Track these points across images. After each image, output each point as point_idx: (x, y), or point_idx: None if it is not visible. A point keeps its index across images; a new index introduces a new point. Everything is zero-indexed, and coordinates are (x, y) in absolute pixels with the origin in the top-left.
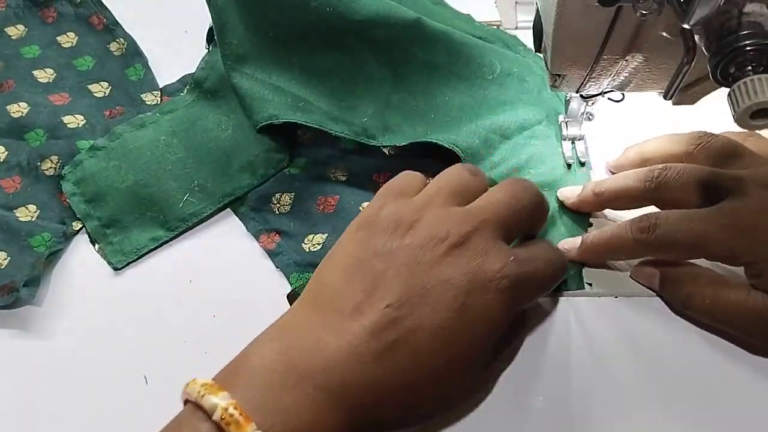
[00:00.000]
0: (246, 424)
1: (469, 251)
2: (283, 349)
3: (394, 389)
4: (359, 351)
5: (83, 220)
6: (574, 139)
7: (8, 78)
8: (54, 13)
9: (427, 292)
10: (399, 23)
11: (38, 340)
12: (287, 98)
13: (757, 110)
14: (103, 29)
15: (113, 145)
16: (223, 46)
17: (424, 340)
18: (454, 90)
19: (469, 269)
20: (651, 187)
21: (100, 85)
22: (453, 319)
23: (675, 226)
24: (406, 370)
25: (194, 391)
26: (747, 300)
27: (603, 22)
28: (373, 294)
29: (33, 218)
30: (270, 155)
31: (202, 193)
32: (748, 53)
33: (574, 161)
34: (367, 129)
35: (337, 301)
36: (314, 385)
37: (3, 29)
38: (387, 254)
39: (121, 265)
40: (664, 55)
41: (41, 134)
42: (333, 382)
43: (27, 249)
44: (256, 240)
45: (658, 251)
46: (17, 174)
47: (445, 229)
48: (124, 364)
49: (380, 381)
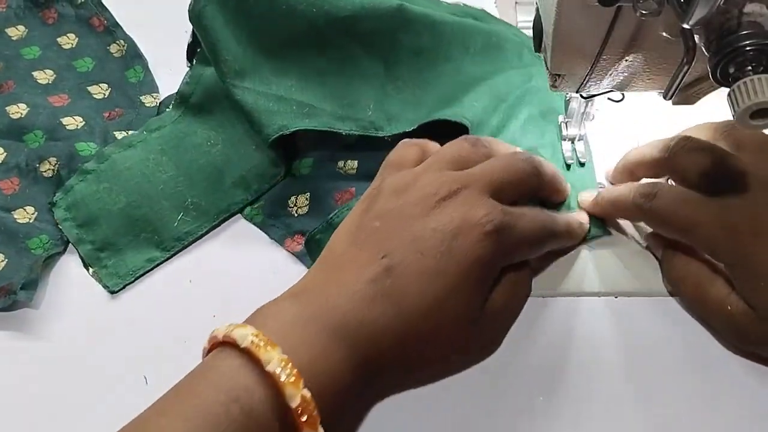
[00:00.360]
0: (273, 348)
1: (457, 202)
2: (293, 302)
3: (391, 329)
4: (359, 296)
5: (75, 245)
6: (574, 139)
7: (8, 79)
8: (55, 14)
9: (417, 240)
10: (384, 13)
11: (37, 341)
12: (292, 106)
13: (757, 110)
14: (103, 31)
15: (103, 167)
16: (218, 65)
17: (415, 283)
18: (444, 71)
19: (456, 216)
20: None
21: (99, 87)
22: (440, 261)
23: (671, 203)
24: (400, 310)
25: (220, 330)
26: (725, 300)
27: (603, 22)
28: (370, 249)
29: (31, 220)
30: (264, 170)
31: (196, 211)
32: (747, 53)
33: (574, 161)
34: (373, 122)
35: (340, 260)
36: (321, 325)
37: (3, 30)
38: (384, 214)
39: (117, 288)
40: (664, 55)
41: (40, 136)
42: (336, 322)
43: (25, 251)
44: (281, 245)
45: (650, 221)
46: (15, 175)
47: (435, 187)
48: (124, 365)
49: (378, 321)
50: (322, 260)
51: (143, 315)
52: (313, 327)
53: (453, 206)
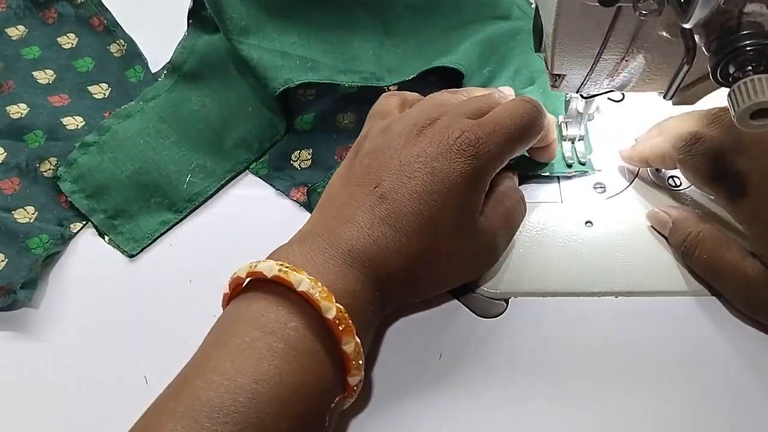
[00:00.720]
0: (300, 272)
1: (437, 127)
2: (302, 243)
3: (393, 248)
4: (359, 224)
5: (88, 215)
6: (574, 139)
7: (8, 79)
8: (55, 13)
9: (404, 167)
10: None
11: (36, 342)
12: (296, 61)
13: (757, 110)
14: (103, 30)
15: (104, 139)
16: (223, 22)
17: (408, 204)
18: (438, 25)
19: (435, 139)
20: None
21: (99, 87)
22: (426, 182)
23: (707, 152)
24: (398, 230)
25: (243, 270)
26: (741, 264)
27: (603, 22)
28: (364, 183)
29: (31, 220)
30: (262, 129)
31: (203, 173)
32: (748, 53)
33: (574, 161)
34: (374, 73)
35: (338, 199)
36: (330, 254)
37: (3, 30)
38: (372, 151)
39: (135, 252)
40: (664, 55)
41: (40, 135)
42: (343, 250)
43: (25, 251)
44: (287, 195)
45: (685, 166)
46: (16, 175)
47: (417, 119)
48: (124, 365)
49: (380, 242)
50: (321, 204)
51: (144, 315)
52: (323, 256)
53: (432, 132)
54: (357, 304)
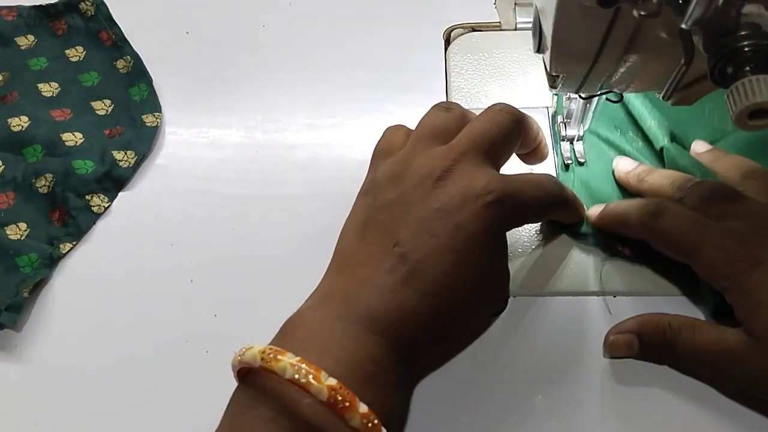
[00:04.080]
0: (318, 372)
1: (455, 178)
2: (317, 309)
3: (418, 310)
4: (380, 288)
5: None
6: (573, 139)
7: (13, 90)
8: (64, 25)
9: (425, 223)
10: None
11: (36, 343)
12: None
13: (756, 111)
14: (111, 45)
15: None
16: None
17: (431, 264)
18: None
19: (456, 192)
20: None
21: (102, 103)
22: (449, 238)
23: (676, 223)
24: (423, 292)
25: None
26: (722, 335)
27: (602, 23)
28: (381, 242)
29: (22, 237)
30: None
31: None
32: (746, 54)
33: (572, 161)
34: None
35: (354, 259)
36: (349, 322)
37: (13, 38)
38: (387, 206)
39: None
40: (663, 55)
41: (39, 150)
42: (363, 317)
43: (13, 269)
44: None
45: (654, 240)
46: (12, 189)
47: (429, 167)
48: (124, 364)
49: (403, 306)
50: (335, 263)
51: (145, 314)
52: (341, 324)
53: (451, 183)
54: (380, 371)
